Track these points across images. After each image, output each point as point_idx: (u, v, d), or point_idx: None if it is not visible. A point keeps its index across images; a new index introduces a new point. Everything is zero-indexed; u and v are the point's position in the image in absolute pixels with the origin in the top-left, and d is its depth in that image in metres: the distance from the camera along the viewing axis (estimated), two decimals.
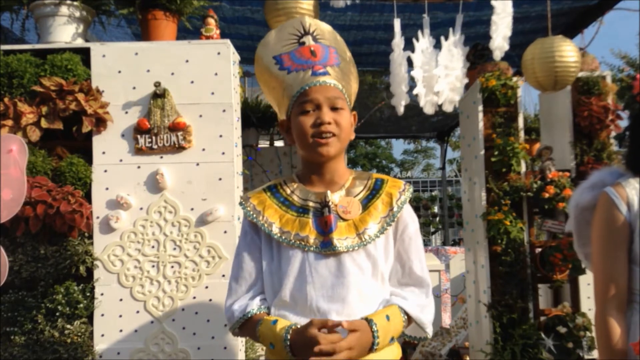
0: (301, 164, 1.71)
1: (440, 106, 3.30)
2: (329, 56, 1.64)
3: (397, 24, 3.30)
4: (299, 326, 1.50)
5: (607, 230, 1.62)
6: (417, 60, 3.17)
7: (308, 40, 1.64)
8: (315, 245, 1.56)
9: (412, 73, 3.17)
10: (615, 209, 1.61)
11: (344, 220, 1.58)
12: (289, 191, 1.64)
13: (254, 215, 1.62)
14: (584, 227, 1.77)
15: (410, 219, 1.67)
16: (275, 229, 1.59)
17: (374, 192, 1.64)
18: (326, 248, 1.55)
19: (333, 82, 1.61)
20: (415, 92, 3.18)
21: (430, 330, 1.64)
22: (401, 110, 3.27)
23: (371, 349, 1.51)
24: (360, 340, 1.48)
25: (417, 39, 3.24)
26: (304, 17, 1.70)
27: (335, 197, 1.60)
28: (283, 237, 1.58)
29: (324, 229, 1.57)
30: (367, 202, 1.62)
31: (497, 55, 3.38)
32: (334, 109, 1.59)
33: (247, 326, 1.61)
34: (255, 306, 1.60)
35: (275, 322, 1.53)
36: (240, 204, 1.68)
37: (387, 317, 1.55)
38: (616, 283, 1.60)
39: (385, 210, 1.61)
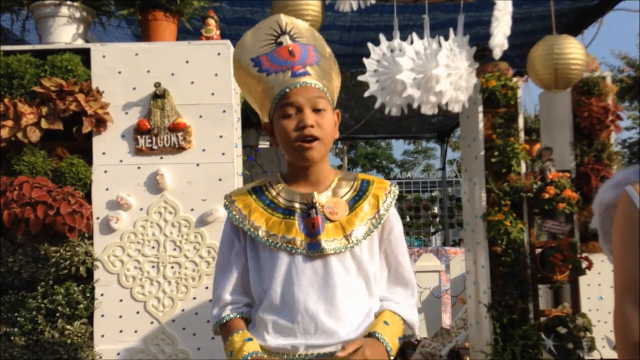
0: (287, 164, 1.69)
1: (439, 106, 3.29)
2: (308, 55, 1.62)
3: (396, 27, 3.30)
4: (265, 356, 1.52)
5: (626, 228, 1.63)
6: (407, 63, 3.15)
7: (285, 40, 1.61)
8: (303, 248, 1.54)
9: (399, 76, 3.14)
10: (633, 207, 1.62)
11: (331, 221, 1.57)
12: (274, 193, 1.62)
13: (240, 220, 1.60)
14: (608, 225, 1.78)
15: (395, 221, 1.66)
16: (261, 233, 1.57)
17: (360, 194, 1.63)
18: (313, 250, 1.54)
19: (314, 82, 1.58)
20: (405, 94, 3.17)
21: (417, 329, 1.68)
22: (394, 112, 3.26)
23: (388, 354, 1.54)
24: (375, 351, 1.50)
25: (411, 41, 3.23)
26: (279, 16, 1.66)
27: (322, 198, 1.59)
28: (270, 241, 1.56)
29: (311, 231, 1.55)
30: (353, 204, 1.61)
31: (497, 53, 3.36)
32: (316, 110, 1.57)
33: (222, 329, 1.62)
34: (229, 312, 1.61)
35: (249, 339, 1.54)
36: (225, 206, 1.65)
37: (386, 322, 1.57)
38: (634, 280, 1.61)
39: (372, 212, 1.60)
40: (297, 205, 1.59)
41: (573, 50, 3.56)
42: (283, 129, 1.56)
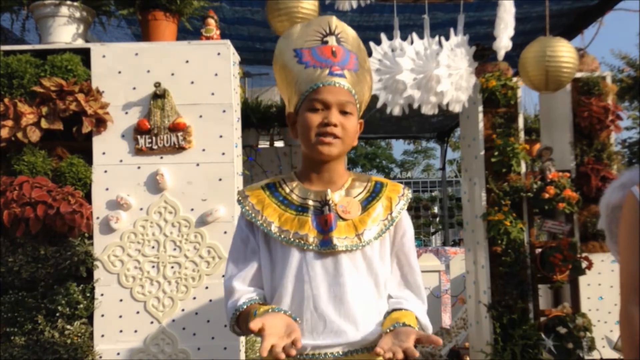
0: (301, 162, 1.70)
1: (439, 106, 3.29)
2: (349, 60, 1.64)
3: (396, 27, 3.30)
4: (285, 312, 1.48)
5: (632, 229, 1.63)
6: (407, 63, 3.15)
7: (331, 40, 1.63)
8: (315, 244, 1.55)
9: (399, 77, 3.14)
10: (638, 207, 1.62)
11: (343, 219, 1.58)
12: (288, 190, 1.64)
13: (252, 215, 1.61)
14: (615, 226, 1.78)
15: (408, 226, 1.68)
16: (274, 228, 1.58)
17: (373, 195, 1.64)
18: (325, 247, 1.55)
19: (347, 85, 1.60)
20: (405, 95, 3.17)
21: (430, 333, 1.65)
22: (396, 111, 3.27)
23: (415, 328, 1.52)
24: (408, 337, 1.44)
25: (412, 41, 3.23)
26: (331, 17, 1.69)
27: (335, 197, 1.60)
28: (282, 236, 1.57)
29: (324, 228, 1.56)
30: (366, 204, 1.62)
31: (502, 55, 3.37)
32: (343, 112, 1.58)
33: (241, 318, 1.58)
34: (246, 299, 1.57)
35: (278, 308, 1.51)
36: (239, 201, 1.66)
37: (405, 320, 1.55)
38: (639, 280, 1.61)
39: (385, 214, 1.62)
40: (310, 202, 1.60)
41: (565, 53, 3.56)
42: (307, 121, 1.57)
